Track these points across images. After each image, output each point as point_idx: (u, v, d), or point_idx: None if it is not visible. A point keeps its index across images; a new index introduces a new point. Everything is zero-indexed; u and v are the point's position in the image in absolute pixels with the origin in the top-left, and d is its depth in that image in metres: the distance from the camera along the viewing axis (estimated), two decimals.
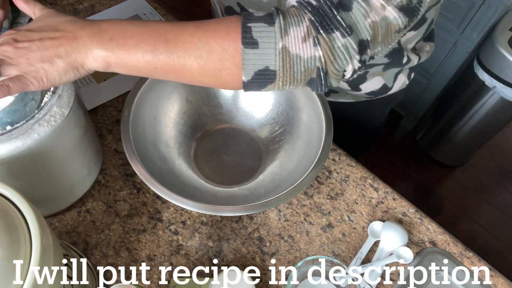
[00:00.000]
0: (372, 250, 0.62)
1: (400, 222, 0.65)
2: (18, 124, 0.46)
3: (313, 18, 0.42)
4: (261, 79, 0.45)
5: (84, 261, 0.56)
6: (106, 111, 0.72)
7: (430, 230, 0.65)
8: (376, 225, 0.64)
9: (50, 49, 0.43)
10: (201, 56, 0.44)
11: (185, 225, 0.62)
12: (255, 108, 0.70)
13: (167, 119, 0.66)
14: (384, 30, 0.44)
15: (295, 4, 0.45)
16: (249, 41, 0.43)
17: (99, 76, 0.76)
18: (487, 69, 1.33)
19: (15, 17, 0.82)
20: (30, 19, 0.82)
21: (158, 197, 0.64)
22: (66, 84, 0.51)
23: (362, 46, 0.44)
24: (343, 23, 0.42)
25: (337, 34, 0.42)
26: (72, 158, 0.56)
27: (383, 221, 0.64)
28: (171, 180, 0.59)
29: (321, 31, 0.42)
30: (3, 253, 0.34)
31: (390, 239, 0.61)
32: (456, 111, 1.55)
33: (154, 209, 0.63)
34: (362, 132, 0.90)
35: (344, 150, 0.72)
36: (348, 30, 0.42)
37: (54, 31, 0.43)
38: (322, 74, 0.44)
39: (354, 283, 0.52)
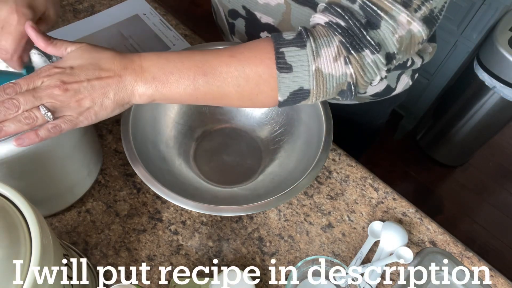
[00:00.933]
0: (372, 250, 0.62)
1: (400, 222, 0.65)
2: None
3: (343, 40, 0.44)
4: (296, 97, 0.47)
5: (84, 261, 0.56)
6: None
7: (430, 230, 0.65)
8: (376, 225, 0.64)
9: (98, 90, 0.44)
10: (239, 84, 0.47)
11: (185, 225, 0.62)
12: (255, 108, 0.70)
13: (167, 119, 0.66)
14: (408, 41, 0.46)
15: (324, 24, 0.46)
16: (283, 66, 0.45)
17: None
18: (487, 69, 1.33)
19: None
20: None
21: (158, 197, 0.64)
22: None
23: (389, 58, 0.46)
24: (372, 42, 0.44)
25: (367, 52, 0.45)
26: (72, 158, 0.56)
27: (383, 221, 0.64)
28: (171, 180, 0.59)
29: (352, 51, 0.44)
30: (3, 253, 0.34)
31: (390, 239, 0.61)
32: (456, 111, 1.55)
33: (154, 209, 0.63)
34: (363, 131, 0.90)
35: (345, 150, 0.72)
36: (377, 47, 0.44)
37: (99, 70, 0.44)
38: (352, 87, 0.47)
39: (354, 283, 0.52)
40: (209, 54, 0.47)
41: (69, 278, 0.43)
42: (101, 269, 0.57)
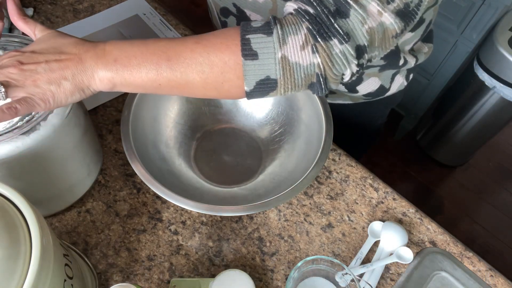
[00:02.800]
0: (372, 250, 0.62)
1: (400, 222, 0.65)
2: (18, 124, 0.46)
3: (310, 27, 0.43)
4: (263, 88, 0.46)
5: (84, 261, 0.56)
6: (106, 111, 0.72)
7: (430, 230, 0.65)
8: (376, 225, 0.64)
9: (56, 71, 0.43)
10: (203, 70, 0.45)
11: (185, 225, 0.62)
12: (255, 108, 0.70)
13: (167, 119, 0.66)
14: (381, 35, 0.45)
15: (292, 11, 0.45)
16: (248, 53, 0.44)
17: None
18: (487, 69, 1.33)
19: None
20: (31, 18, 0.82)
21: (158, 197, 0.64)
22: None
23: (360, 51, 0.44)
24: (340, 30, 0.43)
25: (334, 41, 0.43)
26: (72, 158, 0.56)
27: (383, 221, 0.64)
28: (171, 180, 0.59)
29: (319, 39, 0.43)
30: (3, 253, 0.34)
31: (390, 239, 0.61)
32: (456, 111, 1.55)
33: (154, 209, 0.63)
34: (362, 133, 0.89)
35: (344, 151, 0.72)
36: (345, 37, 0.43)
37: (60, 53, 0.44)
38: (321, 79, 0.45)
39: (354, 283, 0.52)
40: (175, 41, 0.46)
41: (69, 278, 0.43)
42: (101, 269, 0.57)
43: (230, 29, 0.46)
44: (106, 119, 0.71)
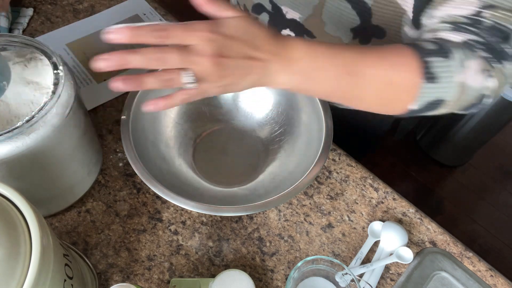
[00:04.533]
0: (372, 250, 0.62)
1: (400, 222, 0.65)
2: (18, 124, 0.46)
3: (485, 55, 0.45)
4: (428, 108, 0.47)
5: (84, 261, 0.56)
6: (106, 111, 0.72)
7: (430, 230, 0.65)
8: (376, 225, 0.64)
9: (242, 70, 0.41)
10: (379, 88, 0.45)
11: (185, 225, 0.62)
12: (255, 108, 0.70)
13: (167, 119, 0.66)
14: None
15: (459, 42, 0.46)
16: (429, 76, 0.44)
17: (99, 76, 0.76)
18: None
19: (15, 16, 0.82)
20: (31, 18, 0.82)
21: (158, 197, 0.64)
22: (66, 84, 0.51)
23: None
24: (510, 53, 0.45)
25: (506, 63, 0.45)
26: (72, 158, 0.56)
27: (383, 221, 0.64)
28: (171, 180, 0.59)
29: (494, 65, 0.45)
30: (3, 253, 0.34)
31: (390, 239, 0.61)
32: None
33: (154, 209, 0.63)
34: (367, 138, 0.89)
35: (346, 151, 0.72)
36: None
37: (252, 50, 0.41)
38: (484, 99, 0.47)
39: (354, 283, 0.52)
40: (357, 52, 0.45)
41: (69, 278, 0.43)
42: (101, 269, 0.57)
43: (404, 48, 0.46)
44: (106, 119, 0.71)
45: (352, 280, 0.52)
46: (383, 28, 0.59)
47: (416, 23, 0.56)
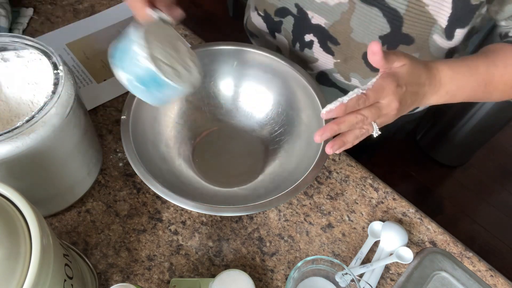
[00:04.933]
0: (372, 250, 0.62)
1: (400, 222, 0.65)
2: (18, 124, 0.46)
3: None
4: None
5: (84, 261, 0.56)
6: (106, 111, 0.72)
7: (430, 230, 0.65)
8: (376, 225, 0.64)
9: (412, 106, 0.49)
10: (505, 90, 0.56)
11: (185, 225, 0.62)
12: (255, 108, 0.70)
13: (167, 119, 0.66)
14: None
15: None
16: None
17: (99, 76, 0.76)
18: None
19: (15, 16, 0.82)
20: (31, 18, 0.82)
21: (158, 197, 0.64)
22: (66, 84, 0.51)
23: None
24: None
25: None
26: (72, 158, 0.56)
27: (383, 221, 0.64)
28: (171, 180, 0.59)
29: None
30: (3, 253, 0.34)
31: (390, 239, 0.61)
32: (456, 111, 1.55)
33: (154, 209, 0.63)
34: (371, 144, 0.89)
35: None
36: None
37: (418, 87, 0.49)
38: None
39: (354, 283, 0.52)
40: (491, 65, 0.54)
41: (69, 278, 0.43)
42: (101, 269, 0.57)
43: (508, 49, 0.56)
44: (106, 119, 0.71)
45: (352, 280, 0.52)
46: (413, 37, 0.60)
47: (449, 33, 0.59)
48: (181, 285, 0.55)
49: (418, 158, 1.80)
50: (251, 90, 0.70)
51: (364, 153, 0.95)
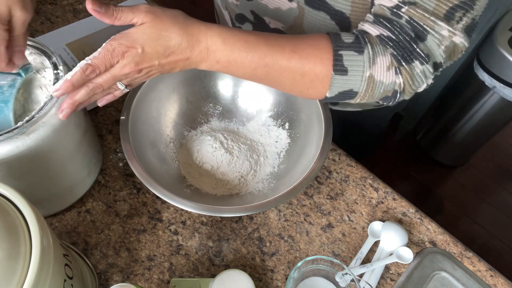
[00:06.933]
0: (372, 250, 0.62)
1: (400, 222, 0.65)
2: (18, 124, 0.46)
3: (395, 52, 0.47)
4: (342, 96, 0.51)
5: (84, 261, 0.56)
6: (106, 111, 0.72)
7: (430, 230, 0.65)
8: (376, 225, 0.64)
9: (167, 67, 0.48)
10: (294, 78, 0.50)
11: (185, 225, 0.62)
12: (255, 108, 0.70)
13: (167, 119, 0.66)
14: (451, 50, 0.50)
15: (374, 36, 0.49)
16: (339, 69, 0.48)
17: None
18: (487, 69, 1.33)
19: None
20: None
21: (158, 197, 0.64)
22: None
23: (436, 67, 0.49)
24: (421, 53, 0.47)
25: (416, 63, 0.47)
26: (72, 158, 0.56)
27: (383, 221, 0.64)
28: (171, 180, 0.59)
29: (403, 63, 0.47)
30: (3, 253, 0.34)
31: (390, 239, 0.61)
32: (456, 111, 1.55)
33: (154, 209, 0.63)
34: (366, 137, 0.89)
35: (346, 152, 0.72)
36: (426, 58, 0.47)
37: (169, 53, 0.46)
38: (398, 94, 0.50)
39: (354, 283, 0.52)
40: (273, 44, 0.49)
41: (69, 278, 0.43)
42: (101, 269, 0.57)
43: (322, 39, 0.49)
44: (106, 119, 0.71)
45: (352, 280, 0.52)
46: None
47: None
48: (181, 285, 0.55)
49: (418, 158, 1.79)
50: (251, 90, 0.70)
51: (364, 153, 0.95)
